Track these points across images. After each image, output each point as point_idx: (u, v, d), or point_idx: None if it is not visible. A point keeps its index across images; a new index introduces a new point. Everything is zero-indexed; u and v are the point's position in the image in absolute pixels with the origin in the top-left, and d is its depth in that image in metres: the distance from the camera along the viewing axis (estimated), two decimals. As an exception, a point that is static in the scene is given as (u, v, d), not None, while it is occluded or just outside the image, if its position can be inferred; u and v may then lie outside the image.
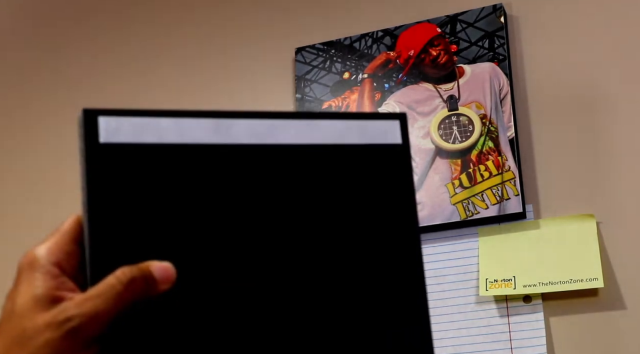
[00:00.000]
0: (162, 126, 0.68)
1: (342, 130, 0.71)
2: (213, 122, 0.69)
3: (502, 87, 1.62)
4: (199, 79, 1.90)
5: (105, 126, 0.67)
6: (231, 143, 0.69)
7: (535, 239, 1.53)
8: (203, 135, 0.69)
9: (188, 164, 0.68)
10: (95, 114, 0.67)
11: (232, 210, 0.68)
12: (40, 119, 2.01)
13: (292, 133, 0.70)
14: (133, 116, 0.68)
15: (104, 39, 2.02)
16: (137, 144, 0.67)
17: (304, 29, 1.84)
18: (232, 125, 0.69)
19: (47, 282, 0.64)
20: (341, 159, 0.71)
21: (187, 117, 0.69)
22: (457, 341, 1.52)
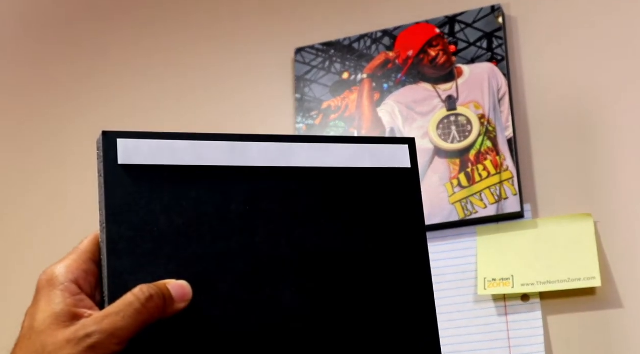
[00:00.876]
0: (179, 148, 0.70)
1: (353, 154, 0.73)
2: (228, 145, 0.72)
3: (501, 87, 1.63)
4: (198, 79, 1.90)
5: (124, 147, 0.68)
6: (246, 165, 0.71)
7: (533, 238, 1.53)
8: (218, 157, 0.71)
9: (204, 185, 0.70)
10: (114, 136, 0.69)
11: (247, 231, 0.69)
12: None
13: (305, 156, 0.72)
14: (150, 139, 0.70)
15: (103, 43, 2.02)
16: (154, 166, 0.69)
17: (304, 29, 1.84)
18: (247, 148, 0.72)
19: (67, 299, 0.65)
20: (352, 182, 0.72)
21: (202, 140, 0.71)
22: (456, 340, 1.53)
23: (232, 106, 1.85)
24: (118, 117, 1.94)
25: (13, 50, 2.11)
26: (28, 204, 1.95)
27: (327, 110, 1.74)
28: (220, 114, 1.86)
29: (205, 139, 0.72)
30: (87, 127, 1.95)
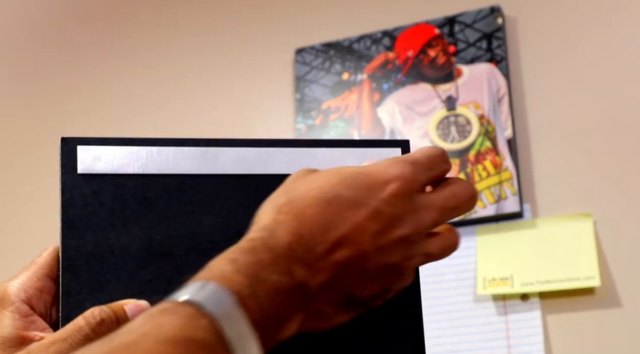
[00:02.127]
0: (145, 155, 0.64)
1: (339, 158, 0.66)
2: (199, 151, 0.64)
3: (500, 87, 1.64)
4: (199, 79, 1.91)
5: (84, 155, 0.63)
6: (218, 173, 0.64)
7: (532, 238, 1.54)
8: (188, 165, 0.64)
9: (171, 196, 0.64)
10: (74, 143, 0.64)
11: (220, 245, 0.62)
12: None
13: (284, 162, 0.65)
14: (114, 145, 0.64)
15: (105, 33, 2.02)
16: (117, 175, 0.63)
17: (304, 30, 1.85)
18: (219, 154, 0.65)
19: (16, 321, 0.61)
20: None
21: (171, 146, 0.64)
22: (455, 339, 1.53)
23: (233, 106, 1.86)
24: (118, 118, 1.94)
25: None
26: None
27: (327, 110, 1.75)
28: (221, 114, 1.86)
29: (174, 144, 0.64)
30: (84, 128, 1.95)
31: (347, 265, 0.55)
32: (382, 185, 0.56)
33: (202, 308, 0.49)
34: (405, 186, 0.57)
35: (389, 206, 0.56)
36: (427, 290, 1.55)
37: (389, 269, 0.57)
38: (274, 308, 0.52)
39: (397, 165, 0.58)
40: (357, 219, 0.55)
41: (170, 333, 0.47)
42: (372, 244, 0.55)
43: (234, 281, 0.51)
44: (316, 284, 0.55)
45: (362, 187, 0.56)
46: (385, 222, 0.56)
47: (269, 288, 0.52)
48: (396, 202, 0.56)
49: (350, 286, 0.56)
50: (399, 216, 0.56)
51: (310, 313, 0.56)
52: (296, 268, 0.54)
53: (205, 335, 0.48)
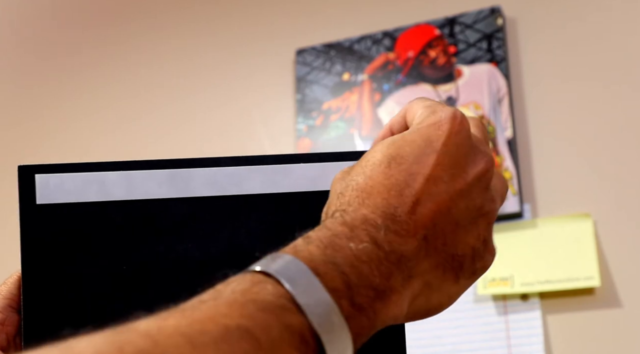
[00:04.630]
0: (109, 181, 0.60)
1: (317, 174, 0.61)
2: (167, 174, 0.60)
3: (500, 88, 1.64)
4: (199, 80, 1.91)
5: (43, 184, 0.59)
6: (188, 196, 0.60)
7: (532, 238, 1.54)
8: (156, 189, 0.60)
9: (138, 223, 0.60)
10: (32, 171, 0.59)
11: (191, 275, 0.59)
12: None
13: (258, 181, 0.61)
14: (75, 171, 0.60)
15: (104, 33, 2.03)
16: (79, 204, 0.59)
17: (305, 30, 1.85)
18: (189, 176, 0.60)
19: None
20: (315, 209, 0.58)
21: (137, 169, 0.60)
22: (456, 339, 1.54)
23: (233, 107, 1.86)
24: (118, 119, 1.94)
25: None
26: None
27: (328, 111, 1.75)
28: (221, 114, 1.86)
29: (141, 167, 0.60)
30: (84, 128, 1.96)
31: (435, 220, 0.51)
32: (435, 131, 0.53)
33: (267, 274, 0.46)
34: (458, 124, 0.53)
35: (452, 147, 0.53)
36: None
37: (476, 215, 0.53)
38: (359, 276, 0.48)
39: (441, 109, 0.54)
40: (426, 170, 0.52)
41: (231, 297, 0.45)
42: (451, 191, 0.52)
43: (305, 251, 0.48)
44: (411, 250, 0.51)
45: (416, 140, 0.53)
46: (456, 165, 0.52)
47: (348, 254, 0.49)
48: (458, 141, 0.53)
49: (446, 244, 0.52)
50: (465, 154, 0.53)
51: (416, 286, 0.52)
52: (379, 236, 0.50)
53: (267, 298, 0.45)
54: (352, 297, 0.47)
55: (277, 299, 0.45)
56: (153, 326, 0.41)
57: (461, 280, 0.55)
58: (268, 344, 0.43)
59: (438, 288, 0.54)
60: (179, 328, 0.41)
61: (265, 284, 0.46)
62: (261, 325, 0.43)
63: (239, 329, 0.42)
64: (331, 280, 0.47)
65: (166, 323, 0.42)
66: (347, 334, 0.46)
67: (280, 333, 0.44)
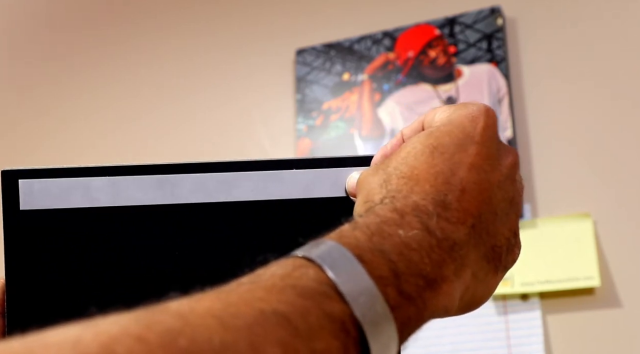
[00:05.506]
0: (94, 187, 0.58)
1: (310, 181, 0.59)
2: (154, 180, 0.58)
3: (500, 88, 1.64)
4: (199, 80, 1.91)
5: (27, 190, 0.58)
6: (176, 203, 0.58)
7: (532, 238, 1.54)
8: (142, 195, 0.58)
9: (123, 231, 0.58)
10: (15, 176, 0.58)
11: (176, 281, 0.57)
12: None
13: (248, 188, 0.59)
14: (60, 177, 0.58)
15: (103, 34, 2.03)
16: (63, 210, 0.58)
17: (305, 30, 1.85)
18: (177, 182, 0.58)
19: None
20: (307, 217, 0.58)
21: (123, 175, 0.58)
22: (455, 339, 1.54)
23: (234, 107, 1.86)
24: (118, 119, 1.95)
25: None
26: None
27: (328, 111, 1.75)
28: (222, 114, 1.86)
29: (128, 173, 0.58)
30: (83, 128, 1.96)
31: (480, 209, 0.51)
32: (470, 123, 0.54)
33: (310, 259, 0.45)
34: (491, 117, 0.55)
35: (487, 140, 0.54)
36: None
37: (510, 206, 0.54)
38: (408, 263, 0.47)
39: (472, 104, 0.55)
40: (469, 159, 0.52)
41: (270, 281, 0.43)
42: (493, 180, 0.53)
43: (351, 237, 0.47)
44: (462, 238, 0.50)
45: (453, 131, 0.54)
46: (492, 156, 0.53)
47: (397, 242, 0.47)
48: (491, 135, 0.54)
49: (489, 234, 0.52)
50: (498, 147, 0.54)
51: (467, 277, 0.51)
52: (431, 223, 0.49)
53: (308, 283, 0.43)
54: (400, 285, 0.46)
55: (319, 285, 0.43)
56: (185, 306, 0.40)
57: (499, 272, 0.55)
58: (306, 331, 0.41)
59: (483, 279, 0.53)
60: (212, 310, 0.40)
61: (307, 269, 0.44)
62: (299, 311, 0.42)
63: (275, 314, 0.41)
64: (377, 268, 0.46)
65: (199, 304, 0.40)
66: (391, 324, 0.45)
67: (319, 321, 0.42)
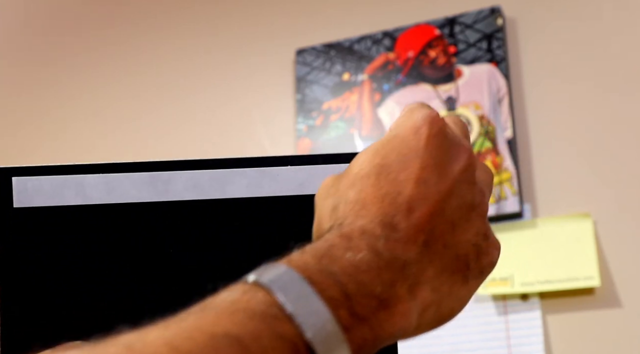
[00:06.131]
0: (87, 184, 0.58)
1: (304, 178, 0.59)
2: (148, 177, 0.58)
3: (500, 88, 1.64)
4: (199, 80, 1.91)
5: (20, 187, 0.58)
6: (169, 200, 0.58)
7: (532, 238, 1.54)
8: (135, 192, 0.58)
9: (117, 228, 0.58)
10: (8, 174, 0.58)
11: (170, 279, 0.57)
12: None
13: (243, 185, 0.58)
14: (53, 174, 0.58)
15: (103, 34, 2.03)
16: (57, 207, 0.58)
17: (305, 30, 1.85)
18: (170, 179, 0.58)
19: None
20: (302, 214, 0.56)
21: (116, 172, 0.58)
22: (455, 339, 1.54)
23: (234, 107, 1.86)
24: (118, 119, 1.95)
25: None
26: None
27: (328, 111, 1.75)
28: (222, 114, 1.86)
29: (121, 170, 0.58)
30: (81, 130, 1.96)
31: (432, 223, 0.51)
32: (414, 135, 0.53)
33: (259, 283, 0.45)
34: (435, 124, 0.54)
35: (433, 150, 0.53)
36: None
37: (469, 211, 0.53)
38: (358, 285, 0.47)
39: (417, 112, 0.55)
40: (414, 174, 0.52)
41: (220, 306, 0.43)
42: (441, 190, 0.52)
43: (300, 260, 0.47)
44: (413, 256, 0.50)
45: (397, 147, 0.53)
46: (440, 164, 0.53)
47: (345, 264, 0.47)
48: (437, 143, 0.53)
49: (447, 245, 0.52)
50: (446, 152, 0.53)
51: (426, 295, 0.51)
52: (379, 245, 0.49)
53: (258, 307, 0.43)
54: (352, 307, 0.46)
55: (269, 307, 0.44)
56: (134, 338, 0.40)
57: (470, 280, 0.54)
58: (258, 352, 0.42)
59: (448, 293, 0.53)
60: (162, 338, 0.40)
61: (256, 292, 0.44)
62: (251, 333, 0.42)
63: (227, 337, 0.41)
64: (327, 289, 0.46)
65: (149, 334, 0.40)
66: (344, 345, 0.45)
67: (272, 342, 0.42)
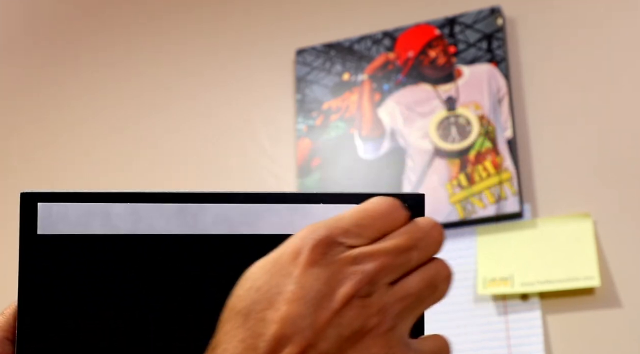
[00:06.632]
0: (114, 213, 0.57)
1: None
2: (177, 208, 0.57)
3: (500, 88, 1.64)
4: (199, 80, 1.91)
5: (45, 214, 0.57)
6: (198, 233, 0.57)
7: (532, 238, 1.54)
8: (163, 224, 0.57)
9: (143, 259, 0.57)
10: (34, 199, 0.57)
11: (196, 314, 0.57)
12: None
13: (274, 221, 0.57)
14: (79, 201, 0.57)
15: (103, 34, 2.03)
16: (82, 236, 0.57)
17: (305, 30, 1.85)
18: (199, 211, 0.57)
19: None
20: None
21: (144, 202, 0.57)
22: (455, 339, 1.53)
23: (234, 107, 1.86)
24: (117, 119, 1.95)
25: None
26: None
27: (328, 111, 1.75)
28: (222, 115, 1.86)
29: (148, 200, 0.57)
30: (81, 130, 1.96)
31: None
32: (292, 262, 0.49)
33: None
34: (318, 249, 0.49)
35: (310, 279, 0.49)
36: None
37: (360, 337, 0.49)
38: None
39: (305, 232, 0.51)
40: (280, 313, 0.48)
41: None
42: (316, 325, 0.48)
43: None
44: None
45: (274, 275, 0.50)
46: (316, 297, 0.48)
47: None
48: (317, 271, 0.49)
49: None
50: (329, 280, 0.49)
51: None
52: None
53: None
54: None
55: None
56: None
57: None
58: None
59: None
60: None
61: None
62: None
63: None
64: None
65: None
66: None
67: None
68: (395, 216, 0.52)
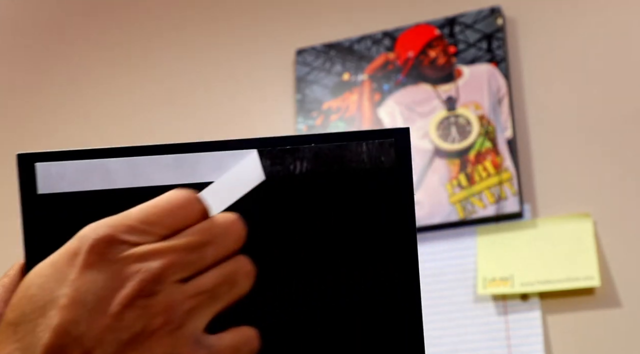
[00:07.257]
0: (112, 168, 0.57)
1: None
2: (173, 159, 0.58)
3: (500, 88, 1.64)
4: (199, 79, 1.91)
5: (44, 173, 0.57)
6: (196, 182, 0.57)
7: (532, 238, 1.54)
8: (161, 175, 0.57)
9: None
10: (32, 159, 0.57)
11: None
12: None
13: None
14: (77, 159, 0.57)
15: (102, 34, 2.03)
16: (82, 192, 0.57)
17: (305, 30, 1.85)
18: (196, 160, 0.58)
19: None
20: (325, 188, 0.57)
21: (141, 155, 0.58)
22: (455, 339, 1.54)
23: (233, 107, 1.86)
24: (117, 120, 1.95)
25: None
26: None
27: (328, 111, 1.75)
28: (222, 114, 1.87)
29: (145, 153, 0.58)
30: (80, 131, 1.96)
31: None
32: (67, 265, 0.48)
33: None
34: (98, 249, 0.47)
35: (86, 282, 0.47)
36: (427, 290, 1.55)
37: (142, 339, 0.47)
38: None
39: (86, 231, 0.49)
40: (53, 321, 0.46)
41: None
42: (92, 333, 0.46)
43: None
44: None
45: (50, 279, 0.48)
46: (91, 302, 0.47)
47: None
48: (94, 274, 0.47)
49: None
50: (107, 282, 0.47)
51: None
52: None
53: None
54: None
55: None
56: None
57: None
58: None
59: None
60: None
61: None
62: None
63: None
64: None
65: None
66: None
67: None
68: (189, 211, 0.50)
